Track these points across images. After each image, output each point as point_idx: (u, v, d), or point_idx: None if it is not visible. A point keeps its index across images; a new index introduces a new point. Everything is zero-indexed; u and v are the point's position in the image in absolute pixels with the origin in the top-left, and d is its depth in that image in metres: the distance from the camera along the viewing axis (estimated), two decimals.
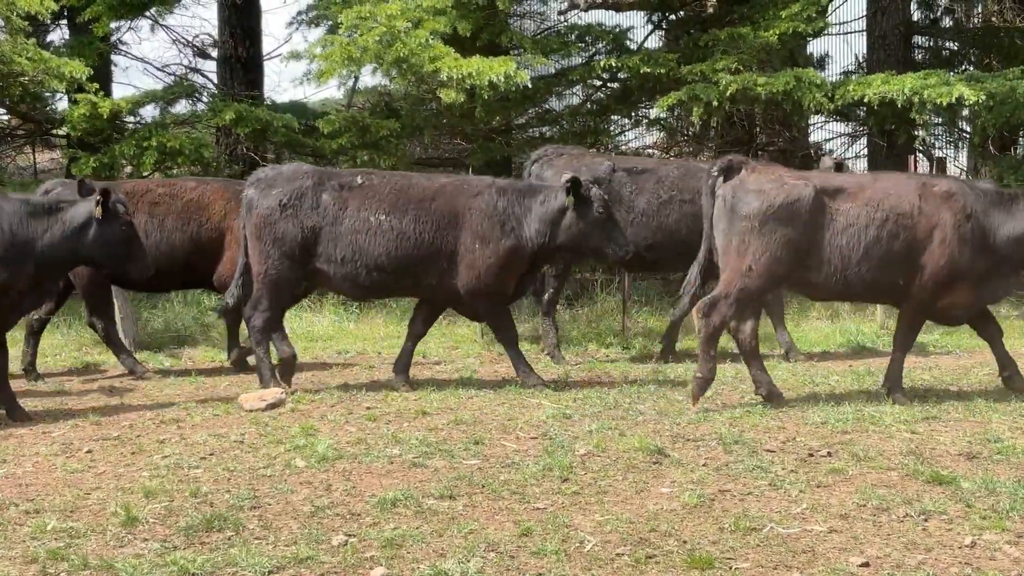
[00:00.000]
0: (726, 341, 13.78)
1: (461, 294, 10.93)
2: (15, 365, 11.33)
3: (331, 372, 12.40)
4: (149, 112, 19.23)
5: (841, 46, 25.12)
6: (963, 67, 21.18)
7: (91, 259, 10.13)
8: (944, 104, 15.63)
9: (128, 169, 17.68)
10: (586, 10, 22.73)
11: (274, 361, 11.07)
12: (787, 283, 10.24)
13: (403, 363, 11.31)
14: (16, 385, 10.57)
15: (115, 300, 13.88)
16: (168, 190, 12.56)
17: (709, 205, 10.20)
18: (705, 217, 10.34)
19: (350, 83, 20.17)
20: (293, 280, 11.00)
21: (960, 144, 22.80)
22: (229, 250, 12.36)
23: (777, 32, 16.97)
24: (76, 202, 10.01)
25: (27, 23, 16.54)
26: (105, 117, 16.74)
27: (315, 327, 15.27)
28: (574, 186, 10.82)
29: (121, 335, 13.68)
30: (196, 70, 23.00)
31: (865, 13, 21.74)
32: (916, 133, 18.75)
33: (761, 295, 10.19)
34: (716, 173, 10.18)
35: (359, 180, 11.02)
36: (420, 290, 11.20)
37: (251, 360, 11.83)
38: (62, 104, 20.82)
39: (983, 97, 15.54)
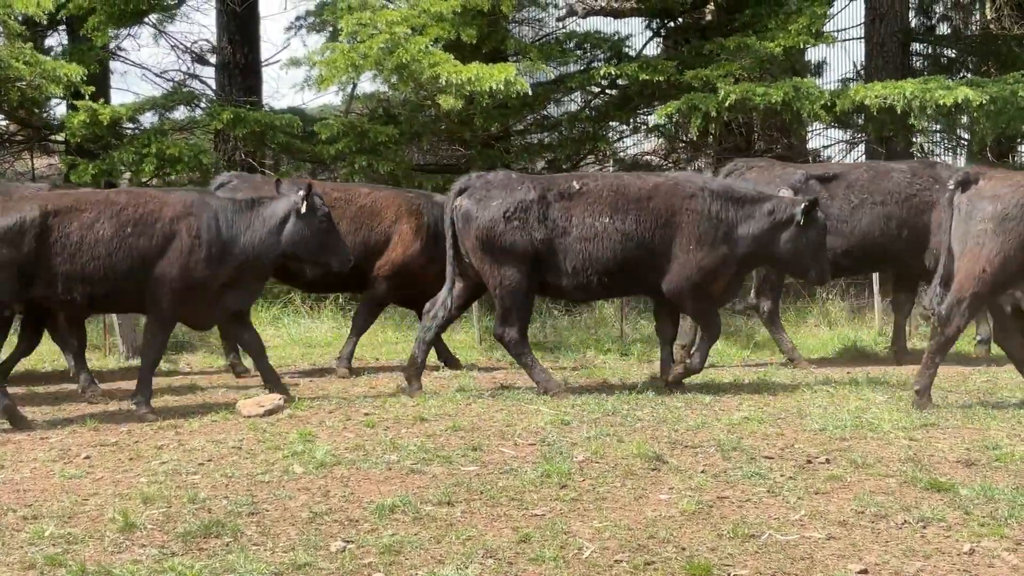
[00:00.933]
0: (722, 347, 13.82)
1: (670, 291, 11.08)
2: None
3: (329, 378, 12.39)
4: (148, 119, 19.24)
5: (839, 53, 25.08)
6: (961, 74, 21.19)
7: (293, 254, 10.68)
8: (946, 107, 15.65)
9: (127, 176, 17.67)
10: (584, 17, 22.76)
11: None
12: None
13: (665, 367, 11.46)
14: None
15: None
16: (343, 195, 12.80)
17: (948, 217, 10.31)
18: (943, 230, 10.45)
19: (349, 89, 20.19)
20: (530, 288, 11.04)
21: (958, 151, 22.81)
22: (392, 252, 12.72)
23: (783, 44, 17.01)
24: (275, 198, 10.64)
25: (24, 27, 16.54)
26: (105, 124, 16.74)
27: (313, 333, 15.27)
28: (812, 206, 11.02)
29: (119, 341, 13.70)
30: (195, 76, 23.00)
31: (863, 20, 21.77)
32: (915, 139, 18.76)
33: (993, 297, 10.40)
34: (953, 186, 10.31)
35: (576, 185, 11.01)
36: (647, 290, 11.46)
37: (249, 365, 11.85)
38: (60, 109, 20.83)
39: (986, 100, 15.56)
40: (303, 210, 10.44)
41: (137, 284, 10.02)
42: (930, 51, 23.18)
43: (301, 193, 10.46)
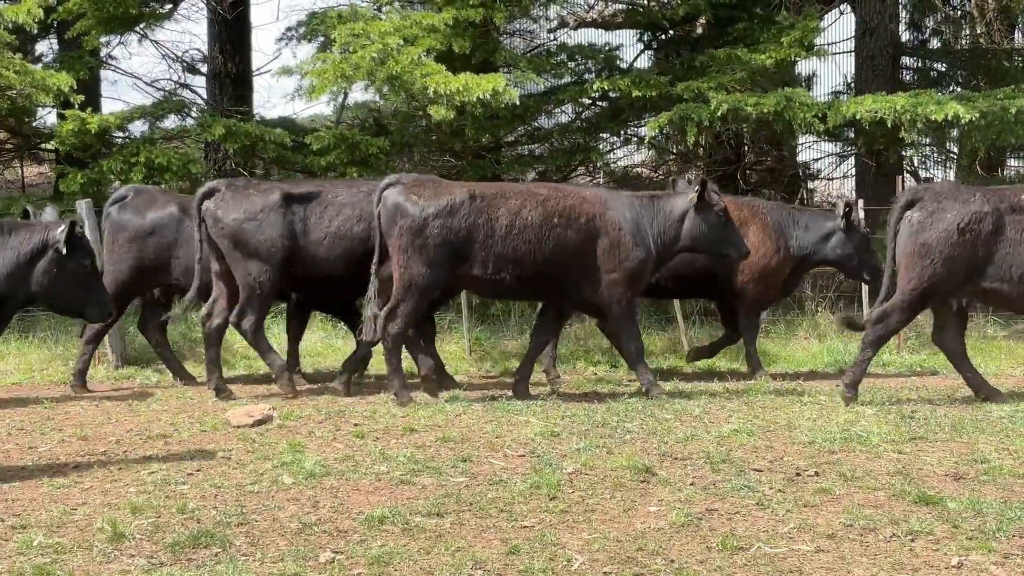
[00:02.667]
0: (714, 362, 13.84)
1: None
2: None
3: (319, 389, 12.38)
4: (138, 127, 19.23)
5: (829, 67, 25.18)
6: (951, 88, 21.27)
7: (693, 246, 11.64)
8: (937, 121, 15.70)
9: (116, 184, 17.66)
10: (576, 29, 22.82)
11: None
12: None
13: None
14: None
15: None
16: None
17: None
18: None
19: (340, 99, 20.19)
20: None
21: (948, 164, 22.90)
22: (753, 259, 12.79)
23: (775, 56, 17.06)
24: (673, 195, 11.62)
25: (14, 36, 16.54)
26: (94, 133, 16.73)
27: (303, 344, 15.24)
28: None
29: (108, 351, 13.68)
30: (185, 85, 23.01)
31: (854, 34, 21.83)
32: (904, 153, 18.81)
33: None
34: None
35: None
36: None
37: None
38: (50, 118, 20.82)
39: (976, 115, 15.61)
40: (696, 205, 11.37)
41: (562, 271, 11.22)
42: (920, 65, 23.26)
43: (696, 189, 11.38)
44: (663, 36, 21.11)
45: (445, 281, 11.12)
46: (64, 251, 9.55)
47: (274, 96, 57.07)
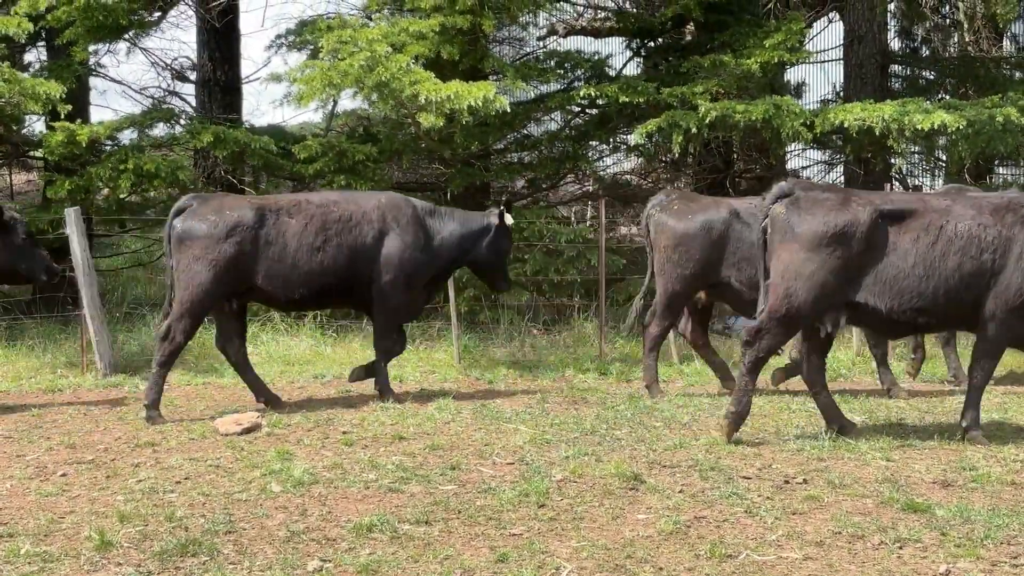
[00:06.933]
0: (701, 367, 13.83)
1: None
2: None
3: (308, 396, 12.36)
4: (127, 135, 19.17)
5: (818, 74, 25.24)
6: (940, 96, 21.30)
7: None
8: (924, 130, 15.71)
9: (104, 191, 17.62)
10: (565, 36, 22.83)
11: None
12: None
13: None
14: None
15: (90, 323, 13.85)
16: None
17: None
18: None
19: (329, 106, 20.17)
20: None
21: (936, 172, 22.92)
22: None
23: (759, 60, 17.06)
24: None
25: (2, 45, 16.49)
26: (84, 144, 16.70)
27: (292, 351, 15.22)
28: None
29: (96, 359, 13.64)
30: (174, 93, 22.93)
31: (842, 42, 21.87)
32: (893, 161, 18.84)
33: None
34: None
35: None
36: None
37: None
38: (39, 126, 20.75)
39: (963, 124, 15.63)
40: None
41: None
42: (909, 73, 23.30)
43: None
44: (651, 43, 21.11)
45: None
46: None
47: (263, 104, 57.08)
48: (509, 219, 12.47)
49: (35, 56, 22.28)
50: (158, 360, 11.08)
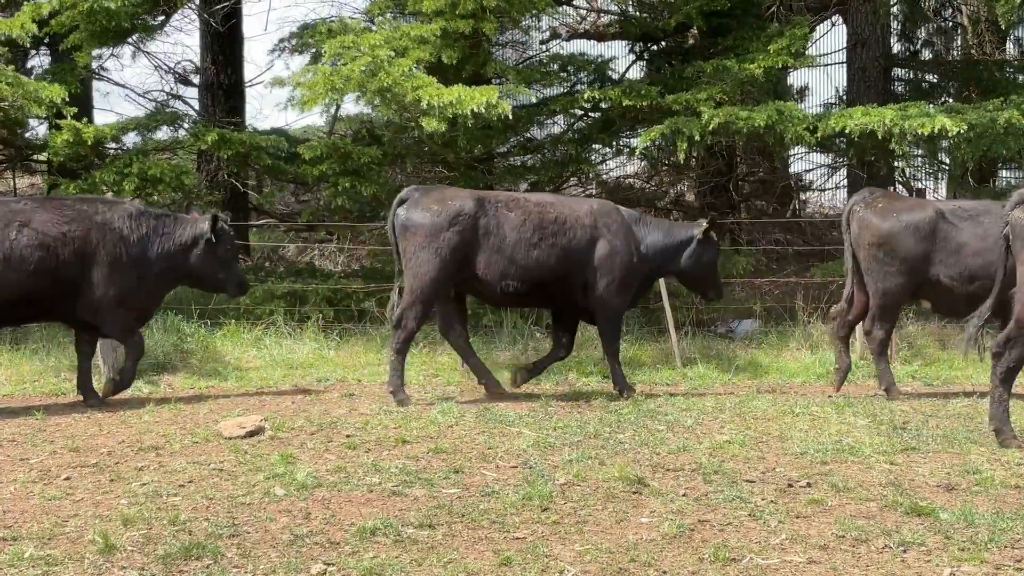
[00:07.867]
0: (704, 371, 13.83)
1: None
2: None
3: (311, 399, 12.36)
4: (131, 139, 19.19)
5: (821, 78, 25.25)
6: (943, 99, 21.30)
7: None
8: (925, 134, 15.70)
9: (109, 195, 17.64)
10: (568, 40, 22.83)
11: None
12: None
13: None
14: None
15: None
16: None
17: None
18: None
19: (332, 110, 20.18)
20: None
21: (940, 175, 22.92)
22: None
23: (763, 65, 17.06)
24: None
25: (6, 49, 16.51)
26: (88, 144, 16.70)
27: (295, 354, 15.22)
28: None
29: (100, 361, 13.64)
30: (178, 96, 22.98)
31: (845, 46, 21.88)
32: (896, 164, 18.84)
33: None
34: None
35: None
36: None
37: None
38: (42, 130, 20.78)
39: (964, 128, 15.61)
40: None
41: None
42: (912, 76, 23.30)
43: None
44: (655, 47, 21.11)
45: None
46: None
47: (267, 107, 57.07)
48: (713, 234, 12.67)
49: (38, 60, 22.31)
50: (394, 347, 11.80)
